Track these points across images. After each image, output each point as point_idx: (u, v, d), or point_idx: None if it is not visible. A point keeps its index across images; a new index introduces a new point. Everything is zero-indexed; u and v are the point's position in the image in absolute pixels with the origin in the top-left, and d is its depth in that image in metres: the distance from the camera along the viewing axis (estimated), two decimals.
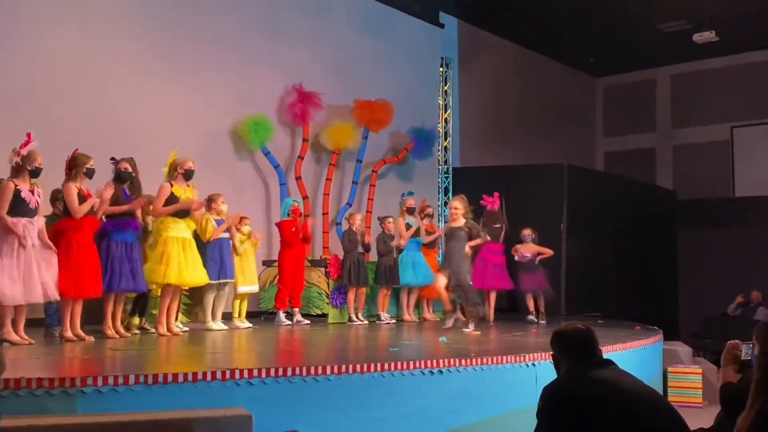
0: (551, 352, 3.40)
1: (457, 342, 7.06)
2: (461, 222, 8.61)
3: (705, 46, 13.49)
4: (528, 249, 10.33)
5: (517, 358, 5.63)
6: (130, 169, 6.88)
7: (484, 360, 5.44)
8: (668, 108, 17.63)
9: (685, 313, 15.66)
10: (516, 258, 10.32)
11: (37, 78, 8.23)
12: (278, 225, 9.19)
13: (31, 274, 5.87)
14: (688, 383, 8.58)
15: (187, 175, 7.32)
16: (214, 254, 7.85)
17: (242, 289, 8.43)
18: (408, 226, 9.95)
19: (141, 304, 7.56)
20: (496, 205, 10.65)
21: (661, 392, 7.49)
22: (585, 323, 3.49)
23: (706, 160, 16.64)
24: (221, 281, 7.92)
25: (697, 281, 15.48)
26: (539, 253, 10.35)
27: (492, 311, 10.47)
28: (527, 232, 10.47)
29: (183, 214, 7.25)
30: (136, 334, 7.21)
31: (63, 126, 7.98)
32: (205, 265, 7.57)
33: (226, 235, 8.07)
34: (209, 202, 7.98)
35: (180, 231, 7.19)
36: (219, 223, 7.98)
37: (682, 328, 14.85)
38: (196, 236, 7.65)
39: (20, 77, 8.11)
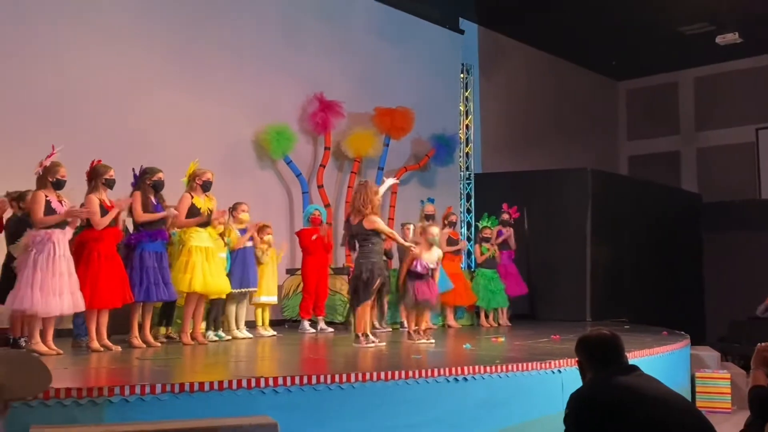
0: (576, 359, 3.38)
1: (481, 349, 7.03)
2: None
3: (728, 48, 13.40)
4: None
5: (543, 365, 5.60)
6: (163, 179, 6.98)
7: (509, 367, 5.41)
8: (692, 110, 17.48)
9: (712, 317, 15.48)
10: (419, 269, 7.75)
11: (63, 91, 8.34)
12: (298, 234, 9.23)
13: (63, 284, 5.94)
14: (717, 388, 8.48)
15: (205, 187, 7.38)
16: (237, 263, 7.91)
17: (260, 299, 8.44)
18: None
19: (168, 313, 7.63)
20: (515, 216, 11.14)
21: (689, 398, 7.41)
22: (610, 329, 3.46)
23: (731, 163, 16.47)
24: (243, 290, 7.97)
25: (723, 285, 15.29)
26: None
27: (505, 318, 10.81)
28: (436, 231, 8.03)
29: (204, 223, 7.34)
30: (163, 342, 7.27)
31: (88, 138, 8.06)
32: (228, 274, 7.66)
33: (250, 243, 8.12)
34: (232, 211, 8.06)
35: (203, 240, 7.26)
36: (242, 232, 8.04)
37: (709, 333, 14.69)
38: None
39: (45, 90, 8.22)
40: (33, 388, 1.32)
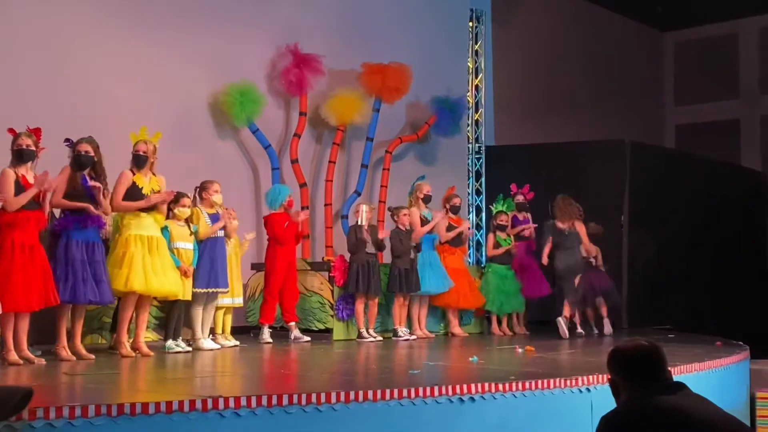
0: (608, 375, 3.39)
1: (493, 362, 7.07)
2: None
3: None
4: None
5: (568, 382, 5.62)
6: (91, 153, 6.90)
7: (528, 385, 5.43)
8: (755, 69, 17.52)
9: None
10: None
11: None
12: (266, 219, 9.14)
13: None
14: None
15: (137, 161, 7.30)
16: (204, 257, 7.84)
17: (222, 301, 8.30)
18: (425, 220, 9.88)
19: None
20: (530, 197, 11.17)
21: (747, 422, 7.46)
22: (650, 338, 3.48)
23: None
24: (210, 290, 7.93)
25: None
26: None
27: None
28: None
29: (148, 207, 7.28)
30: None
31: (10, 99, 8.04)
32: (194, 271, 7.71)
33: (222, 233, 8.07)
34: (200, 191, 8.00)
35: (145, 228, 7.21)
36: (213, 218, 7.96)
37: None
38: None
39: None
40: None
